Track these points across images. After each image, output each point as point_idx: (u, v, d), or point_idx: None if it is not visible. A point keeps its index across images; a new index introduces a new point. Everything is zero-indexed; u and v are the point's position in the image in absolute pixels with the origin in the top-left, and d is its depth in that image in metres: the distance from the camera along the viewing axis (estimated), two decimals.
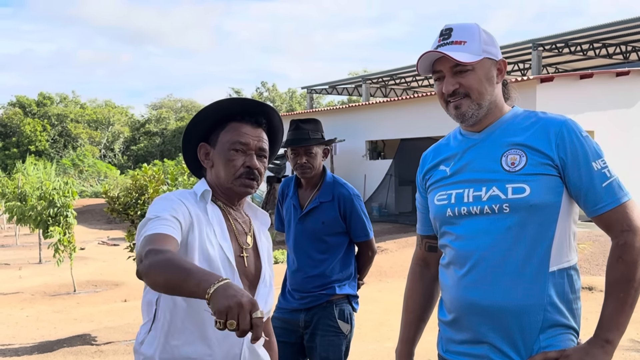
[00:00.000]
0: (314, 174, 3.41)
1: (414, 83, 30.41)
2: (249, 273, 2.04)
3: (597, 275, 9.43)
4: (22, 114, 49.29)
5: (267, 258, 2.15)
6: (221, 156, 2.02)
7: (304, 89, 33.70)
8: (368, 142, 20.51)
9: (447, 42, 1.96)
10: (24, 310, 9.04)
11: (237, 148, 2.00)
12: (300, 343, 3.38)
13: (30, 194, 13.40)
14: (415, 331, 2.25)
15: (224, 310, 1.44)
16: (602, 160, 1.88)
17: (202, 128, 2.07)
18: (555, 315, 1.87)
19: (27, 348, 6.83)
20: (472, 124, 2.00)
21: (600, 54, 22.73)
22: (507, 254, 1.87)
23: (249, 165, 2.00)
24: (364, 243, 3.48)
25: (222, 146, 2.02)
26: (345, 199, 3.38)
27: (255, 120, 2.06)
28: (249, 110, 2.06)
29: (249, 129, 2.03)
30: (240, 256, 2.02)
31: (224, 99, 2.07)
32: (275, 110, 2.13)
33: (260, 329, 1.43)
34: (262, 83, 58.62)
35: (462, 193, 1.96)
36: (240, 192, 2.03)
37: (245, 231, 2.10)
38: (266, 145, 2.08)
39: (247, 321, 1.42)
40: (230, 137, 2.02)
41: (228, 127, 2.04)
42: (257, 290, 2.05)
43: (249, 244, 2.08)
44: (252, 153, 2.02)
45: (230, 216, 2.07)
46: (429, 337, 2.32)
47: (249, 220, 2.15)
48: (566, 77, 16.35)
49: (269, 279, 2.12)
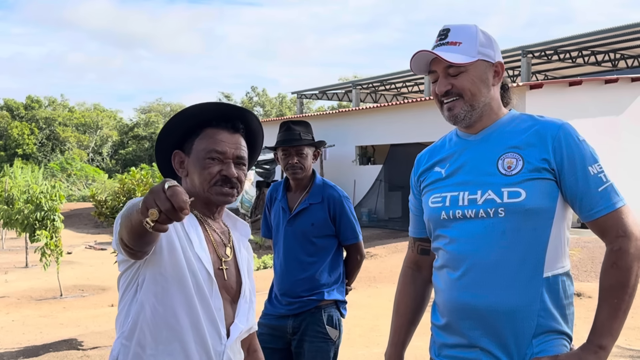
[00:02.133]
0: (304, 175, 3.39)
1: (404, 89, 30.50)
2: (229, 287, 1.93)
3: (585, 282, 9.46)
4: (9, 117, 48.97)
5: (247, 271, 2.03)
6: (196, 165, 1.89)
7: (294, 94, 33.70)
8: (358, 147, 20.53)
9: (443, 43, 1.96)
10: (9, 314, 8.96)
11: (213, 157, 1.88)
12: (287, 349, 3.35)
13: (17, 198, 13.29)
14: (405, 335, 2.24)
15: (143, 208, 1.41)
16: (598, 164, 1.87)
17: (176, 135, 1.95)
18: (549, 320, 1.86)
19: (13, 353, 6.76)
20: (466, 126, 1.99)
21: (589, 62, 22.91)
22: (501, 258, 1.85)
23: (225, 174, 1.88)
24: (353, 246, 3.46)
25: (198, 155, 1.90)
26: (334, 201, 3.37)
27: (232, 125, 1.94)
28: (226, 116, 1.94)
29: (225, 135, 1.91)
30: (219, 269, 1.91)
31: (197, 104, 1.95)
32: (253, 114, 2.01)
33: (177, 196, 1.36)
34: (252, 88, 58.62)
35: (457, 196, 1.95)
36: (218, 201, 1.90)
37: (224, 242, 1.98)
38: (245, 152, 1.96)
39: (163, 197, 1.36)
40: (206, 146, 1.89)
41: (203, 134, 1.92)
42: (238, 306, 1.95)
43: (229, 255, 1.97)
44: (230, 161, 1.90)
45: (208, 226, 1.95)
46: (419, 343, 2.31)
47: (227, 231, 2.03)
48: (555, 84, 16.44)
49: (249, 294, 2.01)
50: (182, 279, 1.79)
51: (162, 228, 1.40)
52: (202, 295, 1.81)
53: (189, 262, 1.80)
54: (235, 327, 1.91)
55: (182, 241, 1.82)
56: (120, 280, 1.86)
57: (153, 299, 1.78)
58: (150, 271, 1.78)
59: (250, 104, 57.69)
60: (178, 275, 1.78)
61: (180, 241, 1.81)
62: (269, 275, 11.25)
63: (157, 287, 1.78)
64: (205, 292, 1.82)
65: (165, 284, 1.77)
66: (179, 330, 1.79)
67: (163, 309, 1.78)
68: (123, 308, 1.85)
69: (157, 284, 1.77)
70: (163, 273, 1.77)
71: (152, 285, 1.78)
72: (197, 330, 1.80)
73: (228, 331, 1.89)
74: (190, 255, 1.81)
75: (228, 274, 1.93)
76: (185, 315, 1.79)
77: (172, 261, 1.78)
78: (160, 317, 1.78)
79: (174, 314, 1.78)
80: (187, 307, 1.79)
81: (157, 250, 1.75)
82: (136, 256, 1.70)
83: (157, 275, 1.77)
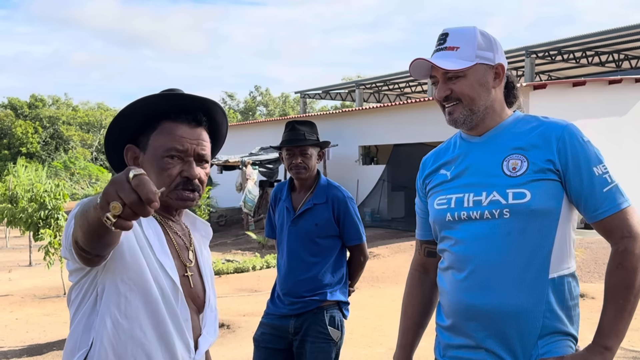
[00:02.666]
0: (308, 175, 3.39)
1: (407, 89, 30.48)
2: (195, 296, 1.76)
3: (588, 283, 9.45)
4: (13, 116, 49.05)
5: (210, 278, 1.85)
6: (153, 164, 1.68)
7: (297, 93, 33.72)
8: (361, 147, 20.51)
9: (441, 48, 1.97)
10: (13, 313, 8.98)
11: (172, 155, 1.68)
12: (289, 350, 3.35)
13: (21, 196, 13.30)
14: (413, 337, 2.24)
15: (103, 202, 1.20)
16: (603, 165, 1.87)
17: (129, 127, 1.73)
18: (554, 321, 1.86)
19: (17, 351, 6.78)
20: (468, 129, 2.00)
21: (593, 62, 22.87)
22: (507, 260, 1.85)
23: (187, 176, 1.69)
24: (356, 247, 3.46)
25: (154, 152, 1.69)
26: (339, 201, 3.37)
27: (193, 118, 1.73)
28: (186, 107, 1.73)
29: (185, 130, 1.70)
30: (184, 276, 1.73)
31: (155, 94, 1.74)
32: (216, 104, 1.79)
33: (144, 186, 1.17)
34: (256, 87, 58.66)
35: (462, 197, 1.95)
36: (178, 206, 1.72)
37: (187, 245, 1.79)
38: (208, 149, 1.76)
39: (128, 188, 1.17)
40: (164, 142, 1.69)
41: (160, 128, 1.70)
42: (204, 316, 1.79)
43: (192, 261, 1.78)
44: (191, 160, 1.70)
45: (169, 228, 1.75)
46: (423, 344, 2.31)
47: (188, 232, 1.84)
48: (559, 85, 16.41)
49: (214, 302, 1.84)
50: (147, 287, 1.60)
51: (125, 225, 1.20)
52: (169, 306, 1.64)
53: (152, 269, 1.62)
54: (204, 339, 1.76)
55: (143, 245, 1.63)
56: (73, 293, 1.65)
57: (115, 311, 1.58)
58: (110, 279, 1.58)
59: (254, 104, 57.72)
60: (142, 283, 1.60)
61: (141, 245, 1.62)
62: (272, 274, 11.25)
63: (119, 298, 1.58)
64: (172, 302, 1.65)
65: (128, 294, 1.59)
66: (146, 344, 1.61)
67: (127, 322, 1.59)
68: (79, 324, 1.62)
69: (120, 295, 1.58)
70: (126, 281, 1.58)
71: (114, 295, 1.58)
72: (165, 344, 1.63)
73: (195, 343, 1.73)
74: (153, 262, 1.63)
75: (193, 281, 1.76)
76: (152, 329, 1.62)
77: (135, 267, 1.59)
78: (124, 332, 1.59)
79: (140, 327, 1.60)
80: (153, 319, 1.62)
81: (117, 254, 1.56)
82: (92, 262, 1.51)
83: (119, 283, 1.58)
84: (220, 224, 20.82)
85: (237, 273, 11.86)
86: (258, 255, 13.78)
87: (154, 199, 1.17)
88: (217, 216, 21.00)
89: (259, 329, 3.45)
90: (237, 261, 12.76)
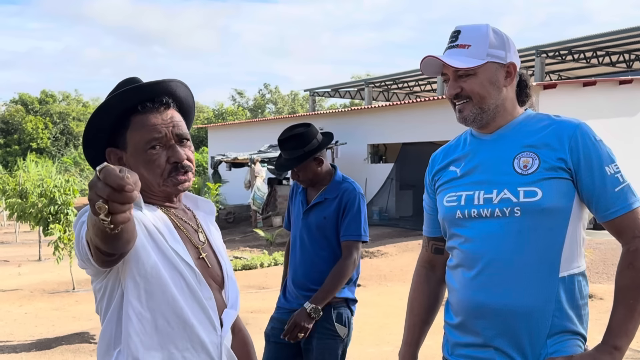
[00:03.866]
0: (312, 182, 3.40)
1: (416, 87, 30.42)
2: (215, 275, 1.82)
3: (597, 283, 9.42)
4: (24, 112, 49.32)
5: (223, 252, 1.91)
6: (139, 160, 1.72)
7: (306, 91, 33.71)
8: (370, 145, 20.50)
9: (453, 46, 1.96)
10: (22, 307, 9.03)
11: (154, 145, 1.71)
12: (297, 345, 3.36)
13: (31, 192, 13.39)
14: (419, 334, 2.24)
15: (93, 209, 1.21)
16: (615, 165, 1.86)
17: (102, 133, 1.75)
18: (564, 320, 1.86)
19: (25, 345, 6.82)
20: (478, 127, 1.99)
21: (603, 62, 22.76)
22: (517, 258, 1.85)
23: (175, 160, 1.72)
24: (350, 244, 3.26)
25: (136, 148, 1.72)
26: (348, 193, 3.32)
27: (159, 103, 1.74)
28: (148, 95, 1.73)
29: (156, 117, 1.72)
30: (199, 258, 1.78)
31: (114, 95, 1.73)
32: (174, 80, 1.79)
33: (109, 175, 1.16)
34: (265, 85, 58.71)
35: (472, 195, 1.94)
36: (177, 192, 1.77)
37: (195, 228, 1.84)
38: (183, 126, 1.78)
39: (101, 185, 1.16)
40: (142, 136, 1.71)
41: (133, 124, 1.72)
42: (227, 291, 1.84)
43: (203, 242, 1.83)
44: (173, 144, 1.73)
45: (174, 216, 1.79)
46: (429, 342, 2.31)
47: (192, 215, 1.88)
48: (569, 85, 16.34)
49: (232, 274, 1.90)
50: (164, 277, 1.65)
51: (121, 219, 1.21)
52: (191, 290, 1.69)
53: (169, 257, 1.67)
54: (227, 315, 1.80)
55: (156, 237, 1.67)
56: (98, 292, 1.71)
57: (137, 304, 1.64)
58: (130, 274, 1.63)
59: (263, 101, 57.77)
60: (158, 273, 1.64)
61: (154, 237, 1.67)
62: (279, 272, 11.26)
63: (139, 291, 1.63)
64: (193, 286, 1.70)
65: (147, 286, 1.64)
66: (170, 332, 1.66)
67: (150, 313, 1.64)
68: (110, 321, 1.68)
69: (139, 288, 1.63)
70: (142, 274, 1.63)
71: (134, 289, 1.63)
72: (190, 327, 1.68)
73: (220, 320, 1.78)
74: (169, 250, 1.68)
75: (209, 261, 1.81)
76: (175, 317, 1.67)
77: (150, 260, 1.64)
78: (148, 323, 1.64)
79: (163, 316, 1.65)
80: (176, 306, 1.66)
81: (131, 251, 1.58)
82: (117, 262, 1.57)
83: (136, 277, 1.63)
84: (228, 221, 20.86)
85: (245, 270, 11.89)
86: (266, 252, 13.81)
87: (125, 182, 1.16)
88: (225, 213, 21.04)
89: (269, 323, 3.47)
90: (245, 258, 12.79)
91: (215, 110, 56.03)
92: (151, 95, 1.74)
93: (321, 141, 3.41)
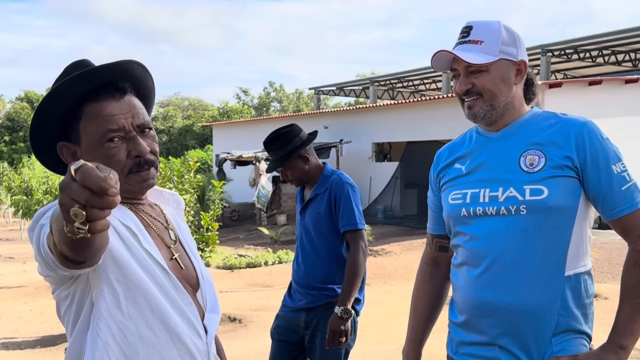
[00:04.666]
0: (301, 180, 3.43)
1: (421, 86, 30.38)
2: (189, 277, 1.65)
3: (602, 283, 9.40)
4: (29, 109, 49.44)
5: (194, 250, 1.73)
6: (96, 154, 1.49)
7: (311, 89, 33.71)
8: (374, 144, 20.48)
9: (464, 41, 1.94)
10: (27, 304, 9.06)
11: (111, 138, 1.48)
12: (301, 342, 3.37)
13: (36, 189, 13.42)
14: (423, 331, 2.23)
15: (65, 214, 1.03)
16: (621, 163, 1.85)
17: (52, 125, 1.53)
18: (569, 319, 1.85)
19: (30, 342, 6.85)
20: (487, 124, 1.98)
21: (609, 61, 22.68)
22: (522, 256, 1.84)
23: (137, 154, 1.51)
24: (351, 235, 3.25)
25: (91, 142, 1.50)
26: (336, 185, 3.31)
27: (115, 89, 1.52)
28: (102, 80, 1.51)
29: (113, 105, 1.50)
30: (172, 259, 1.60)
31: (64, 80, 1.49)
32: (131, 62, 1.56)
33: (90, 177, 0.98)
34: (270, 83, 58.66)
35: (477, 193, 1.93)
36: (142, 189, 1.57)
37: (164, 225, 1.66)
38: (145, 114, 1.56)
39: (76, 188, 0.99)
40: (96, 128, 1.49)
41: (86, 115, 1.50)
42: (203, 293, 1.68)
43: (174, 239, 1.66)
44: (133, 135, 1.51)
45: (143, 214, 1.61)
46: (433, 341, 2.31)
47: (160, 210, 1.70)
48: (575, 84, 16.30)
49: (206, 274, 1.72)
50: (143, 282, 1.48)
51: (100, 227, 1.04)
52: (169, 295, 1.53)
53: (142, 260, 1.50)
54: (210, 320, 1.66)
55: (127, 239, 1.49)
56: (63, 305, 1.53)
57: (118, 314, 1.46)
58: (105, 282, 1.45)
59: (268, 100, 57.78)
60: (137, 278, 1.48)
61: (125, 239, 1.49)
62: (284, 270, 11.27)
63: (118, 299, 1.46)
64: (171, 291, 1.53)
65: (127, 293, 1.47)
66: (156, 342, 1.50)
67: (133, 322, 1.48)
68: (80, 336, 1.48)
69: (118, 296, 1.46)
70: (121, 280, 1.46)
71: (112, 298, 1.46)
72: (177, 336, 1.53)
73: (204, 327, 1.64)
74: (141, 253, 1.50)
75: (183, 262, 1.64)
76: (159, 323, 1.51)
77: (126, 264, 1.46)
78: (131, 334, 1.47)
79: (147, 325, 1.49)
80: (158, 313, 1.50)
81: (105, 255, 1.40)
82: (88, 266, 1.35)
83: (114, 284, 1.46)
84: (233, 219, 20.89)
85: (249, 268, 11.90)
86: (270, 250, 13.82)
87: (108, 185, 0.99)
88: (230, 211, 21.07)
89: (274, 321, 3.49)
90: (249, 256, 12.80)
91: (220, 108, 56.07)
92: (104, 80, 1.52)
93: (304, 139, 3.41)
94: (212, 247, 7.53)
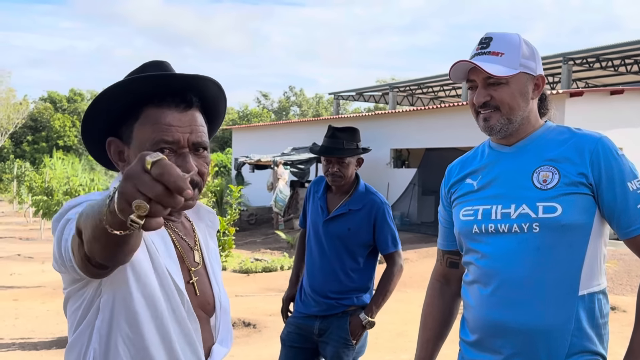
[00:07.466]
0: (344, 182, 3.37)
1: (441, 93, 30.26)
2: (204, 303, 1.56)
3: (620, 295, 9.26)
4: (52, 109, 50.06)
5: (219, 277, 1.65)
6: None
7: (331, 94, 33.71)
8: (393, 150, 20.43)
9: (484, 52, 1.90)
10: (44, 304, 9.12)
11: (161, 148, 1.40)
12: (314, 349, 3.36)
13: (56, 189, 13.55)
14: (432, 349, 2.20)
15: (123, 204, 0.98)
16: (637, 180, 1.81)
17: (109, 117, 1.48)
18: (583, 340, 1.81)
19: (46, 342, 6.89)
20: (502, 137, 1.94)
21: (631, 71, 22.42)
22: (535, 275, 1.80)
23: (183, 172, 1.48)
24: (391, 256, 3.36)
25: (141, 146, 1.42)
26: (377, 207, 3.33)
27: (181, 100, 1.44)
28: (171, 88, 1.45)
29: (174, 116, 1.42)
30: (189, 283, 1.51)
31: (134, 77, 1.45)
32: (207, 78, 1.50)
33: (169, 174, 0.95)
34: (290, 87, 58.89)
35: (489, 209, 1.90)
36: (179, 209, 1.40)
37: (191, 245, 1.57)
38: (204, 134, 1.48)
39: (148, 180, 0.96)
40: (150, 135, 1.41)
41: (144, 117, 1.43)
42: (217, 321, 1.59)
43: (198, 263, 1.57)
44: (185, 152, 1.43)
45: (171, 231, 1.53)
46: (447, 351, 2.28)
47: (192, 227, 1.62)
48: (596, 93, 16.13)
49: (226, 303, 1.63)
50: (155, 298, 1.40)
51: (155, 224, 0.99)
52: (178, 316, 1.45)
53: (161, 276, 1.42)
54: (216, 353, 1.57)
55: (152, 251, 1.42)
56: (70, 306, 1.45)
57: (125, 327, 1.39)
58: (119, 291, 1.37)
59: (288, 104, 57.92)
60: (151, 293, 1.40)
61: (150, 251, 1.42)
62: None
63: (129, 313, 1.38)
64: (182, 312, 1.45)
65: (137, 307, 1.38)
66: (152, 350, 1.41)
67: (139, 339, 1.40)
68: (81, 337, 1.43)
69: (130, 309, 1.38)
70: (136, 293, 1.38)
71: (124, 310, 1.38)
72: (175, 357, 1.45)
73: (209, 352, 1.55)
74: (162, 267, 1.43)
75: (200, 286, 1.55)
76: (160, 344, 1.42)
77: (143, 277, 1.39)
78: (137, 350, 1.40)
79: (152, 343, 1.41)
80: (162, 333, 1.42)
81: None
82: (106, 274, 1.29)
83: (129, 295, 1.37)
84: (250, 223, 20.93)
85: (265, 272, 11.90)
86: (286, 255, 13.81)
87: (185, 186, 0.96)
88: (247, 215, 21.11)
89: (285, 327, 3.47)
90: (265, 260, 12.81)
91: (239, 112, 56.28)
92: (173, 86, 1.45)
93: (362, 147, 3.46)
94: (229, 252, 7.53)
